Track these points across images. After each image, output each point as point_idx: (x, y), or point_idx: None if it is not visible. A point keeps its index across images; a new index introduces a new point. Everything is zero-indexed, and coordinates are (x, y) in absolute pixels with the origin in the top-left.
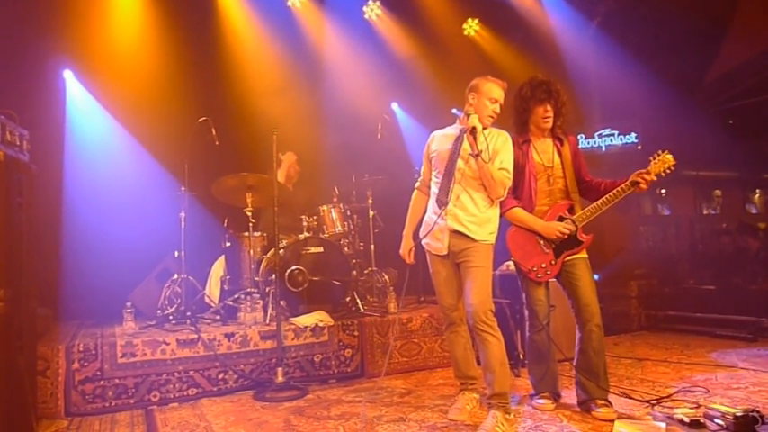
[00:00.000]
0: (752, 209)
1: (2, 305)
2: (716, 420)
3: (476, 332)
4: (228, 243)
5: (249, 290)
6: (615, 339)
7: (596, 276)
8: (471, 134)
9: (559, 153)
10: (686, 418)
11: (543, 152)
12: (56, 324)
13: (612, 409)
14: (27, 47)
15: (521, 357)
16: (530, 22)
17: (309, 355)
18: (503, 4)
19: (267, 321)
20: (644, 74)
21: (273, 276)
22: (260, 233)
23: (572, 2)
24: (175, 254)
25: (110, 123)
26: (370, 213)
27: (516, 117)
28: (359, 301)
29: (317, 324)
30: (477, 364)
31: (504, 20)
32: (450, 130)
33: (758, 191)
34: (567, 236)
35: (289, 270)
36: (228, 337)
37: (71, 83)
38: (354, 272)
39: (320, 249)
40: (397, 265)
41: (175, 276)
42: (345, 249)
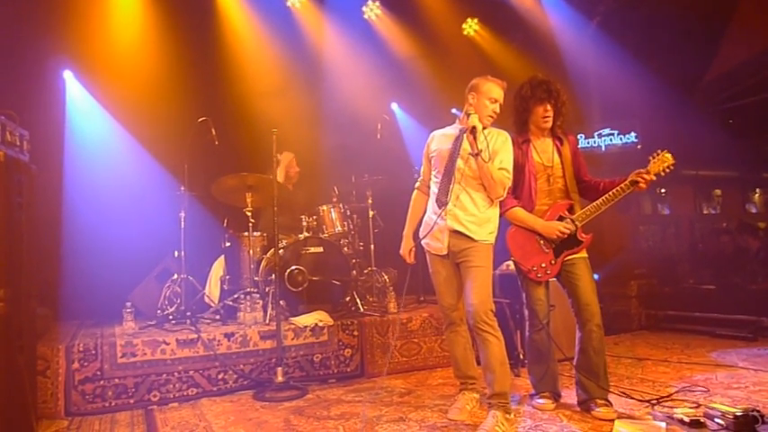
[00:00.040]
0: (752, 208)
1: (2, 305)
2: (716, 420)
3: (476, 332)
4: (228, 243)
5: (249, 290)
6: (615, 339)
7: (596, 276)
8: (471, 133)
9: (559, 153)
10: (686, 418)
11: (543, 152)
12: (56, 324)
13: (612, 408)
14: (27, 47)
15: (521, 357)
16: (529, 22)
17: (309, 355)
18: (502, 3)
19: (267, 321)
20: (643, 73)
21: (273, 276)
22: (260, 233)
23: (571, 2)
24: (175, 254)
25: (110, 123)
26: (370, 213)
27: (516, 116)
28: (358, 300)
29: (316, 324)
30: (477, 364)
31: (504, 20)
32: (450, 129)
33: (758, 190)
34: (567, 235)
35: (288, 270)
36: (228, 336)
37: (71, 83)
38: (354, 272)
39: (320, 249)
40: (396, 264)
41: (175, 276)
42: (345, 249)
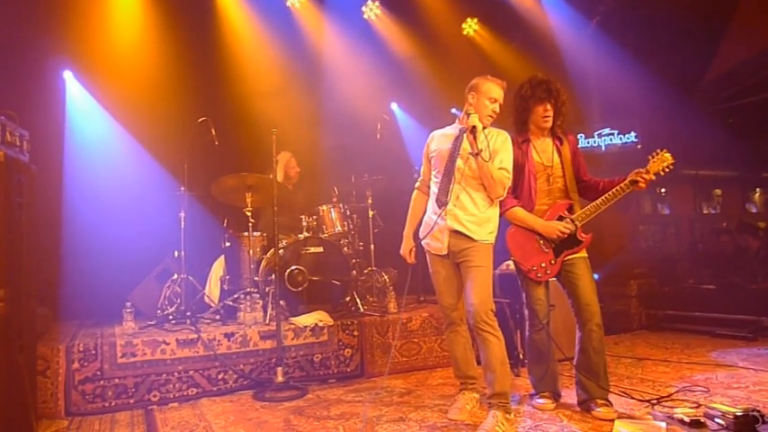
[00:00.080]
0: (752, 208)
1: (2, 305)
2: (716, 420)
3: (476, 332)
4: (228, 243)
5: (249, 290)
6: (615, 339)
7: (596, 276)
8: (471, 133)
9: (559, 152)
10: (686, 418)
11: (543, 151)
12: (56, 324)
13: (613, 408)
14: (27, 47)
15: (521, 357)
16: (529, 22)
17: (309, 355)
18: (502, 3)
19: (267, 321)
20: (643, 73)
21: (273, 276)
22: (260, 233)
23: (571, 1)
24: (175, 254)
25: (110, 123)
26: (370, 213)
27: (516, 116)
28: (358, 300)
29: (316, 324)
30: (477, 364)
31: (504, 20)
32: (450, 129)
33: (758, 190)
34: (567, 235)
35: (288, 270)
36: (228, 336)
37: (71, 83)
38: (354, 272)
39: (320, 249)
40: (396, 264)
41: (175, 276)
42: (345, 249)
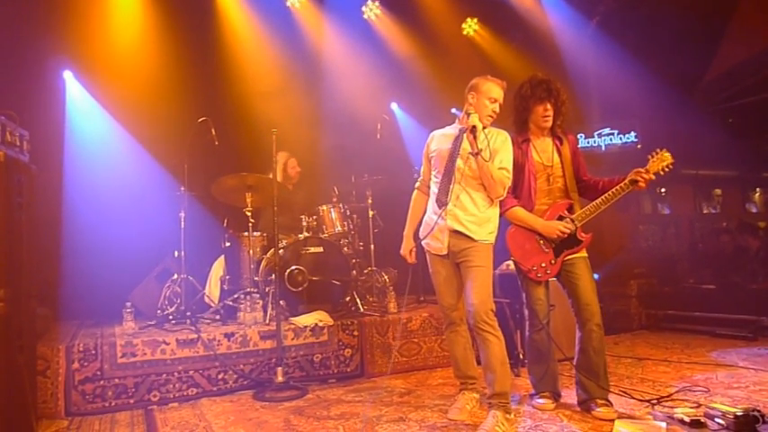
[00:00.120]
0: (752, 208)
1: (2, 305)
2: (716, 420)
3: (477, 332)
4: (228, 243)
5: (249, 290)
6: (615, 339)
7: (596, 275)
8: (471, 133)
9: (559, 152)
10: (687, 418)
11: (543, 151)
12: (56, 324)
13: (613, 408)
14: (27, 47)
15: (521, 357)
16: (529, 22)
17: (309, 355)
18: (502, 3)
19: (267, 321)
20: (643, 73)
21: (273, 276)
22: (259, 233)
23: (571, 2)
24: (175, 254)
25: (110, 123)
26: (370, 213)
27: (516, 116)
28: (358, 300)
29: (316, 324)
30: (477, 364)
31: (504, 19)
32: (450, 129)
33: (758, 189)
34: (567, 235)
35: (288, 270)
36: (228, 336)
37: (71, 83)
38: (354, 272)
39: (320, 249)
40: (396, 264)
41: (175, 276)
42: (345, 249)
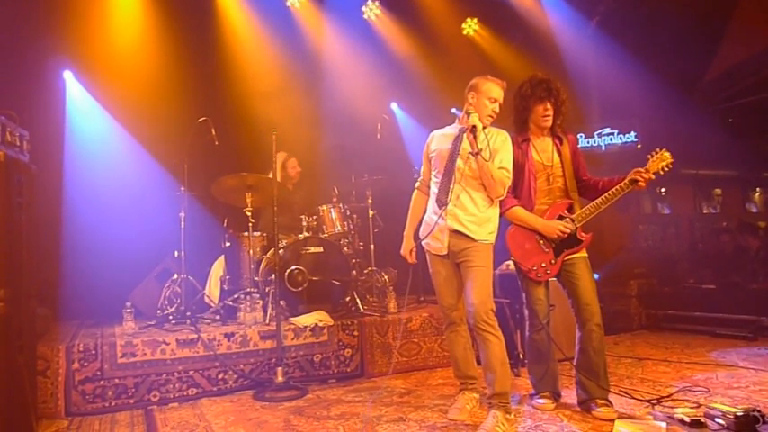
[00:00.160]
0: (752, 207)
1: (2, 305)
2: (716, 420)
3: (477, 332)
4: (228, 243)
5: (249, 290)
6: (615, 339)
7: (596, 275)
8: (471, 132)
9: (559, 152)
10: (687, 418)
11: (543, 151)
12: (56, 324)
13: (613, 408)
14: (27, 47)
15: (521, 357)
16: (529, 22)
17: (309, 355)
18: (502, 3)
19: (267, 321)
20: (643, 73)
21: (273, 276)
22: (259, 233)
23: (571, 1)
24: (175, 254)
25: (110, 123)
26: (370, 213)
27: (516, 115)
28: (358, 300)
29: (316, 324)
30: (477, 364)
31: (504, 19)
32: (450, 129)
33: (758, 189)
34: (567, 235)
35: (288, 270)
36: (228, 336)
37: (71, 83)
38: (354, 272)
39: (320, 249)
40: (397, 264)
41: (175, 276)
42: (345, 249)
